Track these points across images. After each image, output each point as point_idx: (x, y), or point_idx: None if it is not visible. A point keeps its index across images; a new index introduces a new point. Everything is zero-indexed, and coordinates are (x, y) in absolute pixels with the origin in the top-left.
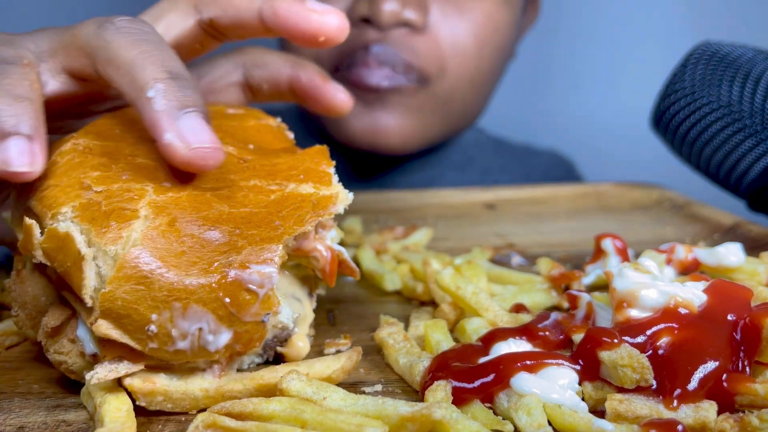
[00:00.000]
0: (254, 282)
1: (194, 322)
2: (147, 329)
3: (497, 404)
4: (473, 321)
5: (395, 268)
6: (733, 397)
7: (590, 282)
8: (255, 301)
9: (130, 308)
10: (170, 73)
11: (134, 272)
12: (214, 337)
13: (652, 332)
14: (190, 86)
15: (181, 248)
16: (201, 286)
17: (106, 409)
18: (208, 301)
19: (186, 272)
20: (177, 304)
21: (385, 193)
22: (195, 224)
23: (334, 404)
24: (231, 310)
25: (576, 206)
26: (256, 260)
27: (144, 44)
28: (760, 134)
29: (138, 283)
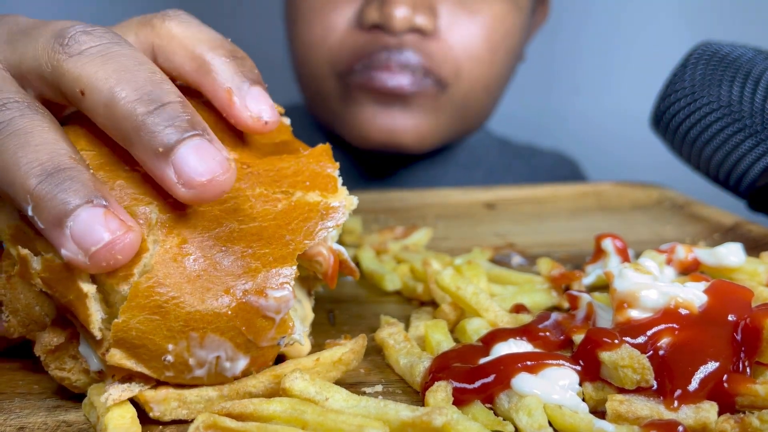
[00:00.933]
0: (271, 308)
1: (212, 351)
2: (163, 359)
3: (498, 405)
4: (473, 321)
5: (395, 268)
6: (734, 397)
7: (590, 282)
8: (272, 327)
9: (145, 338)
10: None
11: (148, 302)
12: (231, 363)
13: (652, 333)
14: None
15: (194, 273)
16: (218, 315)
17: (110, 417)
18: (225, 329)
19: (201, 299)
20: (194, 334)
21: (385, 193)
22: (207, 244)
23: (336, 405)
24: (248, 338)
25: (576, 206)
26: (272, 285)
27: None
28: (760, 134)
29: (153, 313)
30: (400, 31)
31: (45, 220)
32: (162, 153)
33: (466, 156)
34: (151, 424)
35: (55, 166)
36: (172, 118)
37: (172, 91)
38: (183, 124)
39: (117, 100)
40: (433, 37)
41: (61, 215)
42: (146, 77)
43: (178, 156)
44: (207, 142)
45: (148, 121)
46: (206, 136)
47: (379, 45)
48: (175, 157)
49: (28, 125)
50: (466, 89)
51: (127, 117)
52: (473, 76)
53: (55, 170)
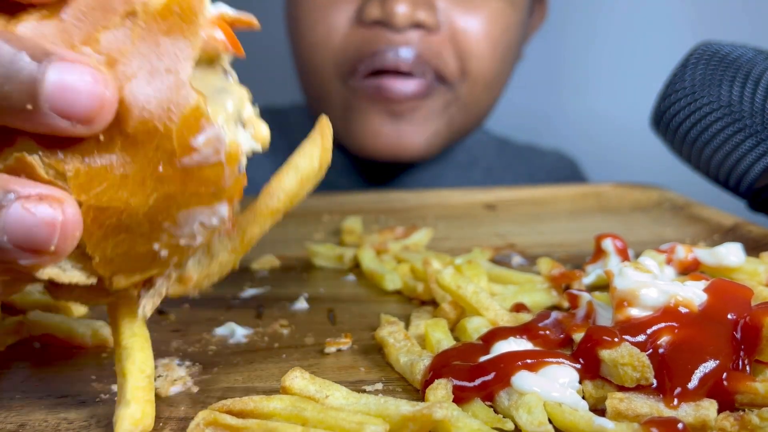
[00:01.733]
0: (209, 156)
1: (190, 222)
2: (159, 256)
3: (498, 402)
4: (474, 320)
5: (395, 268)
6: (734, 395)
7: (590, 282)
8: (222, 167)
9: (130, 256)
10: None
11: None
12: (215, 216)
13: (652, 331)
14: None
15: (119, 177)
16: (170, 196)
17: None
18: (185, 201)
19: (144, 195)
20: (165, 223)
21: (385, 193)
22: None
23: (336, 402)
24: (210, 190)
25: (576, 207)
26: (191, 132)
27: None
28: (760, 134)
29: (116, 235)
30: (401, 26)
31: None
32: (31, 107)
33: (463, 156)
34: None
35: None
36: (11, 61)
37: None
38: (26, 59)
39: None
40: (434, 33)
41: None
42: None
43: (51, 99)
44: (66, 64)
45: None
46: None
47: (382, 42)
48: (48, 101)
49: None
50: (470, 86)
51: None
52: (476, 71)
53: None
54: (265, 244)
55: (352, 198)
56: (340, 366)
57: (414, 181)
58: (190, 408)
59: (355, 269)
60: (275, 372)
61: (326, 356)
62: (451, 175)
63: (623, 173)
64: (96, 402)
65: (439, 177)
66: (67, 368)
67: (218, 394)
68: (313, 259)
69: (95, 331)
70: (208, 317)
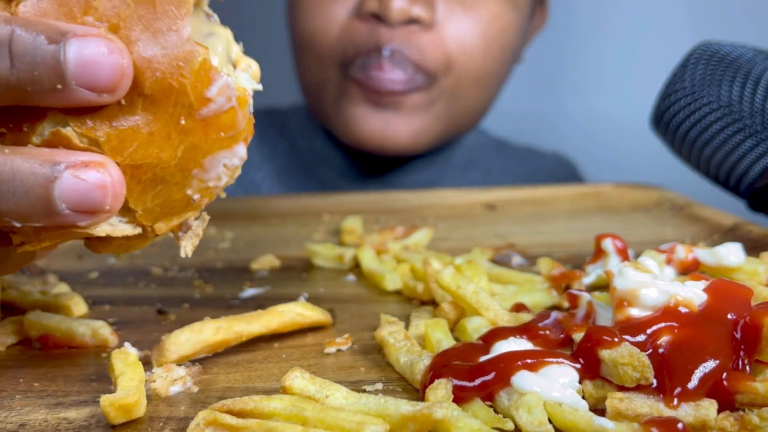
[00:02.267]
0: (223, 104)
1: (216, 165)
2: (192, 201)
3: (498, 402)
4: (474, 320)
5: (395, 268)
6: (734, 395)
7: (590, 282)
8: (236, 112)
9: (168, 204)
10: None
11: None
12: (235, 157)
13: (652, 331)
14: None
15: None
16: (194, 145)
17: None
18: (209, 147)
19: (172, 148)
20: (194, 171)
21: (386, 194)
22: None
23: (336, 402)
24: (228, 134)
25: (576, 207)
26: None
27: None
28: (760, 134)
29: (154, 187)
30: (396, 21)
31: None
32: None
33: (462, 157)
34: (155, 416)
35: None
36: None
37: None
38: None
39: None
40: (428, 30)
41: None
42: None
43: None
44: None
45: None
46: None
47: (372, 39)
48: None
49: None
50: (456, 82)
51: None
52: (463, 69)
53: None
54: (265, 244)
55: (352, 198)
56: (340, 366)
57: (412, 181)
58: (190, 408)
59: (355, 269)
60: (275, 372)
61: (326, 356)
62: (450, 176)
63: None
64: (96, 402)
65: (438, 178)
66: (67, 368)
67: (218, 393)
68: (313, 259)
69: (95, 331)
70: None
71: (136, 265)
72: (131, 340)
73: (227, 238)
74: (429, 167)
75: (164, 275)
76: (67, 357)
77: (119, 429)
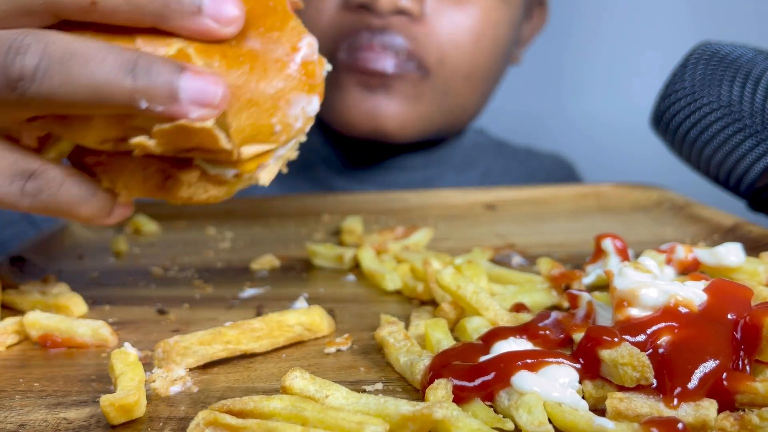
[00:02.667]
0: (309, 55)
1: (297, 105)
2: (275, 130)
3: (498, 402)
4: (474, 320)
5: (395, 268)
6: (734, 395)
7: (590, 282)
8: (316, 66)
9: (257, 126)
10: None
11: (241, 104)
12: (311, 106)
13: (652, 331)
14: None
15: (249, 66)
16: (289, 78)
17: (121, 379)
18: (297, 87)
19: (269, 79)
20: (281, 102)
21: (386, 194)
22: (236, 44)
23: (336, 402)
24: (310, 82)
25: (576, 207)
26: (297, 40)
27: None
28: (760, 134)
29: (249, 108)
30: (385, 11)
31: (161, 103)
32: (197, 10)
33: (461, 158)
34: (154, 416)
35: (130, 62)
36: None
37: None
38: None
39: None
40: (419, 22)
41: (172, 93)
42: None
43: (209, 7)
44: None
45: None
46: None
47: (363, 25)
48: (207, 9)
49: (66, 46)
50: (448, 76)
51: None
52: (455, 63)
53: (134, 65)
54: (265, 244)
55: (352, 198)
56: (340, 366)
57: (410, 180)
58: (190, 408)
59: (355, 269)
60: (275, 372)
61: (326, 356)
62: (448, 176)
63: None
64: (96, 402)
65: (436, 178)
66: (67, 368)
67: (218, 393)
68: (313, 259)
69: (95, 331)
70: (208, 317)
71: (136, 265)
72: (131, 340)
73: (227, 238)
74: (427, 167)
75: (164, 275)
76: (67, 357)
77: (119, 429)
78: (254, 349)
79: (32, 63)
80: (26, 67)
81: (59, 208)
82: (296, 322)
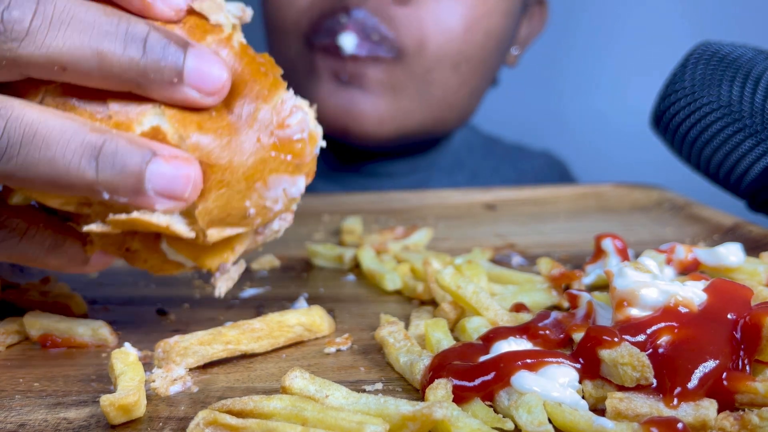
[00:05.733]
0: (296, 132)
1: (277, 187)
2: (248, 214)
3: (498, 402)
4: (474, 320)
5: (395, 268)
6: (734, 395)
7: (590, 282)
8: (305, 145)
9: (226, 209)
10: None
11: (209, 185)
12: (295, 187)
13: (652, 331)
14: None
15: (224, 140)
16: (265, 160)
17: (121, 379)
18: (276, 167)
19: (244, 156)
20: (258, 184)
21: (386, 194)
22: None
23: (336, 402)
24: (296, 162)
25: (576, 207)
26: (286, 115)
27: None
28: (760, 134)
29: (219, 189)
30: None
31: (125, 195)
32: (177, 81)
33: (449, 159)
34: (154, 416)
35: (95, 148)
36: (163, 46)
37: (138, 20)
38: (173, 47)
39: (109, 59)
40: (403, 4)
41: (137, 185)
42: (111, 21)
43: (190, 76)
44: (197, 49)
45: (149, 62)
46: (192, 45)
47: (340, 5)
48: (188, 78)
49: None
50: (429, 63)
51: (128, 68)
52: (439, 50)
53: (98, 151)
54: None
55: (352, 198)
56: (340, 366)
57: (398, 184)
58: (189, 408)
59: (355, 269)
60: (275, 372)
61: (326, 356)
62: (435, 178)
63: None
64: (96, 402)
65: (424, 181)
66: (66, 368)
67: (218, 393)
68: (313, 259)
69: (95, 331)
70: (208, 317)
71: None
72: (131, 340)
73: None
74: (416, 170)
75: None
76: (67, 357)
77: (119, 429)
78: (254, 350)
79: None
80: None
81: (24, 257)
82: (296, 323)
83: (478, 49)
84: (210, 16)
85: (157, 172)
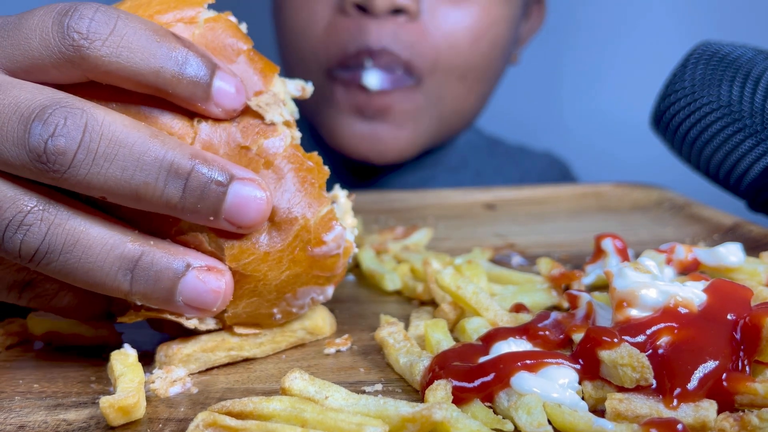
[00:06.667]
0: (332, 248)
1: (305, 296)
2: (274, 319)
3: (497, 403)
4: (473, 320)
5: (395, 268)
6: (733, 396)
7: (590, 282)
8: (338, 259)
9: (254, 315)
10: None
11: (242, 292)
12: (323, 295)
13: (652, 331)
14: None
15: (262, 253)
16: (297, 275)
17: (121, 381)
18: (307, 280)
19: (279, 270)
20: (288, 295)
21: (385, 193)
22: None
23: (335, 404)
24: (327, 275)
25: (576, 207)
26: (325, 230)
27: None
28: (760, 134)
29: (250, 298)
30: (381, 10)
31: (156, 304)
32: (213, 219)
33: (454, 158)
34: (154, 417)
35: (131, 262)
36: (203, 186)
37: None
38: (214, 187)
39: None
40: (413, 24)
41: (168, 297)
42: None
43: (228, 212)
44: (239, 185)
45: (187, 204)
46: (235, 179)
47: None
48: (225, 214)
49: (70, 233)
50: (440, 79)
51: (164, 206)
52: (448, 64)
53: (135, 265)
54: None
55: None
56: (340, 367)
57: (403, 182)
58: (189, 409)
59: (355, 269)
60: (275, 373)
61: (326, 357)
62: (441, 177)
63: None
64: (95, 403)
65: (429, 179)
66: (66, 369)
67: (218, 395)
68: None
69: (95, 331)
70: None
71: None
72: (131, 340)
73: None
74: (421, 168)
75: None
76: (67, 358)
77: (119, 430)
78: (256, 355)
79: (32, 247)
80: (24, 250)
81: (55, 312)
82: (299, 327)
83: (483, 58)
84: (266, 115)
85: (189, 286)
